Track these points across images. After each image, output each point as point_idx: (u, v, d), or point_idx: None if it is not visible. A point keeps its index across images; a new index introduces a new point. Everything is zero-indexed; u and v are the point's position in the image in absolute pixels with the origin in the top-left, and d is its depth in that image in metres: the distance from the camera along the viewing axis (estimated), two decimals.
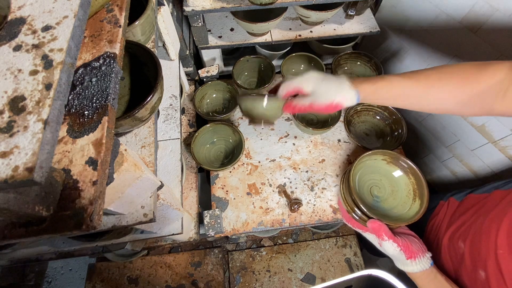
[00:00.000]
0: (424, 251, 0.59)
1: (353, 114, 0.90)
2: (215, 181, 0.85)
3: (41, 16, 0.29)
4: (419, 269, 0.57)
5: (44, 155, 0.22)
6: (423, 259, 0.57)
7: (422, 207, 0.64)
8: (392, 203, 0.70)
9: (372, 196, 0.72)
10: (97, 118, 0.30)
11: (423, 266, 0.57)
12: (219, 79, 0.95)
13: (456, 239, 0.62)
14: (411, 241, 0.60)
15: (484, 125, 0.89)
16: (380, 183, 0.73)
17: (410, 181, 0.70)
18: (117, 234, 0.61)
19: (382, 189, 0.72)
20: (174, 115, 0.72)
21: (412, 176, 0.69)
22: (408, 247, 0.58)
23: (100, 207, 0.28)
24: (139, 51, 0.49)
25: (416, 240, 0.61)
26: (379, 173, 0.73)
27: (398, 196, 0.70)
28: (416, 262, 0.57)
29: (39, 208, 0.26)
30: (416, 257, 0.57)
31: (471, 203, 0.66)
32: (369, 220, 0.62)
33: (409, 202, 0.68)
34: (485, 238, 0.54)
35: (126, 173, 0.36)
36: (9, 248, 0.59)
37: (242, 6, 0.78)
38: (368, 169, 0.73)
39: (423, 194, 0.66)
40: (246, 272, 1.11)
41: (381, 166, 0.73)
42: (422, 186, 0.66)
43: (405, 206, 0.68)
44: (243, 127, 0.93)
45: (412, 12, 0.95)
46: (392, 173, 0.72)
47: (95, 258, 1.12)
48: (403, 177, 0.71)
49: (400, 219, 0.65)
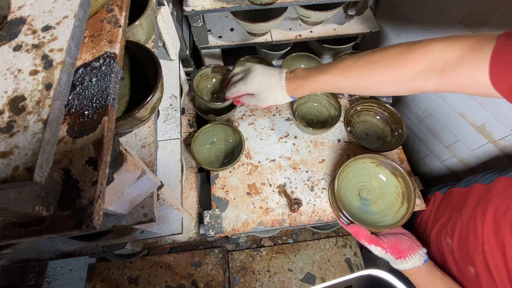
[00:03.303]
0: (415, 249, 0.59)
1: (353, 114, 0.90)
2: (215, 181, 0.85)
3: (41, 16, 0.29)
4: (410, 267, 0.57)
5: (44, 155, 0.22)
6: (414, 256, 0.58)
7: (408, 212, 0.65)
8: (381, 205, 0.71)
9: (361, 199, 0.72)
10: (97, 118, 0.30)
11: (414, 263, 0.57)
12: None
13: (444, 235, 0.62)
14: (399, 240, 0.60)
15: (484, 125, 0.89)
16: (369, 186, 0.73)
17: (400, 184, 0.70)
18: (117, 234, 0.61)
19: (372, 191, 0.72)
20: (174, 115, 0.72)
21: (401, 179, 0.70)
22: (395, 248, 0.59)
23: (100, 207, 0.28)
24: (139, 51, 0.49)
25: (408, 237, 0.62)
26: (369, 175, 0.74)
27: (387, 199, 0.71)
28: (406, 261, 0.58)
29: (39, 208, 0.26)
30: (406, 256, 0.58)
31: (454, 198, 0.67)
32: (350, 224, 0.65)
33: (397, 205, 0.69)
34: (472, 235, 0.54)
35: (126, 173, 0.36)
36: (9, 248, 0.59)
37: (242, 6, 0.78)
38: (358, 172, 0.74)
39: (410, 198, 0.66)
40: (246, 272, 1.11)
41: (371, 168, 0.73)
42: (410, 190, 0.67)
43: (393, 209, 0.68)
44: (243, 127, 0.93)
45: (412, 12, 0.95)
46: (382, 176, 0.73)
47: (95, 258, 1.12)
48: (393, 180, 0.71)
49: (386, 224, 0.66)
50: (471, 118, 0.92)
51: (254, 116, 0.95)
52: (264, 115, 0.96)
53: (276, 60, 1.15)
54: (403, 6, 0.97)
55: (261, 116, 0.95)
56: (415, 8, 0.93)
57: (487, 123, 0.88)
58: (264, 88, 0.65)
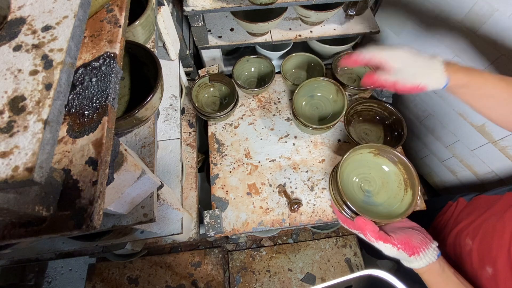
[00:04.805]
0: (428, 242, 0.54)
1: (353, 114, 0.90)
2: (215, 181, 0.85)
3: (41, 16, 0.29)
4: (425, 263, 0.52)
5: (44, 155, 0.22)
6: (428, 251, 0.53)
7: (414, 198, 0.61)
8: (384, 196, 0.68)
9: (363, 192, 0.70)
10: (97, 118, 0.30)
11: (429, 259, 0.52)
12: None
13: (464, 236, 0.61)
14: (410, 235, 0.55)
15: (484, 125, 0.89)
16: (369, 177, 0.71)
17: (400, 171, 0.67)
18: (117, 234, 0.61)
19: (373, 183, 0.70)
20: (174, 115, 0.72)
21: (401, 165, 0.67)
22: (407, 243, 0.54)
23: (100, 207, 0.28)
24: (139, 51, 0.49)
25: (418, 231, 0.57)
26: (368, 167, 0.71)
27: (389, 188, 0.68)
28: (421, 257, 0.53)
29: (39, 208, 0.26)
30: (420, 252, 0.53)
31: (482, 203, 0.65)
32: (356, 217, 0.59)
33: (401, 193, 0.66)
34: (497, 236, 0.54)
35: (126, 173, 0.36)
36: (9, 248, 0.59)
37: (242, 6, 0.78)
38: (356, 164, 0.71)
39: (414, 184, 0.63)
40: (246, 272, 1.11)
41: (369, 159, 0.71)
42: (412, 176, 0.63)
43: (397, 198, 0.66)
44: (243, 127, 0.93)
45: (412, 12, 0.95)
46: (381, 165, 0.70)
47: (95, 258, 1.12)
48: (392, 168, 0.68)
49: (393, 213, 0.63)
50: (471, 118, 0.92)
51: (254, 116, 0.95)
52: (264, 115, 0.96)
53: (276, 60, 1.15)
54: (403, 6, 0.97)
55: (261, 116, 0.95)
56: (415, 8, 0.93)
57: (487, 123, 0.88)
58: (412, 62, 0.54)
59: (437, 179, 1.21)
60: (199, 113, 0.88)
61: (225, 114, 0.87)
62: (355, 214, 0.61)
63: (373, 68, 0.57)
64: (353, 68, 1.00)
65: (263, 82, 1.00)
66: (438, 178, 1.20)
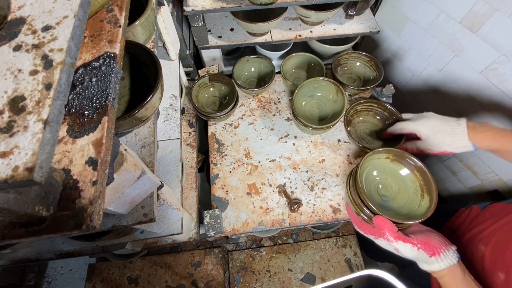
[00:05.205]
0: (447, 244, 0.53)
1: (353, 114, 0.90)
2: (215, 181, 0.85)
3: (41, 16, 0.29)
4: (446, 265, 0.51)
5: (44, 155, 0.22)
6: (448, 253, 0.51)
7: (432, 203, 0.61)
8: (400, 201, 0.68)
9: (379, 196, 0.70)
10: (97, 118, 0.30)
11: (450, 260, 0.51)
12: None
13: (477, 242, 0.61)
14: (429, 236, 0.54)
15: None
16: (386, 182, 0.71)
17: (416, 178, 0.67)
18: (117, 234, 0.61)
19: (389, 188, 0.70)
20: (174, 115, 0.72)
21: (417, 172, 0.67)
22: (427, 243, 0.52)
23: (100, 207, 0.28)
24: (139, 51, 0.49)
25: (435, 234, 0.56)
26: (384, 172, 0.71)
27: (405, 194, 0.68)
28: (442, 258, 0.51)
29: (39, 208, 0.26)
30: (441, 252, 0.51)
31: (497, 211, 0.65)
32: (375, 216, 0.58)
33: (418, 199, 0.66)
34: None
35: (126, 173, 0.36)
36: (9, 248, 0.59)
37: (242, 6, 0.78)
38: (373, 168, 0.71)
39: (431, 189, 0.63)
40: (246, 272, 1.11)
41: (385, 165, 0.71)
42: (429, 182, 0.64)
43: (414, 204, 0.65)
44: (243, 127, 0.93)
45: (412, 12, 0.95)
46: (398, 171, 0.70)
47: (95, 258, 1.12)
48: (409, 174, 0.69)
49: (412, 216, 0.62)
50: (471, 118, 0.92)
51: (254, 116, 0.95)
52: (264, 115, 0.96)
53: (276, 60, 1.15)
54: (403, 6, 0.97)
55: (261, 116, 0.95)
56: (415, 8, 0.93)
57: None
58: (439, 130, 0.62)
59: (437, 179, 1.21)
60: (199, 113, 0.88)
61: (225, 114, 0.87)
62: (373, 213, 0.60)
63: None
64: (353, 68, 1.00)
65: (263, 82, 1.00)
66: (438, 178, 1.20)
